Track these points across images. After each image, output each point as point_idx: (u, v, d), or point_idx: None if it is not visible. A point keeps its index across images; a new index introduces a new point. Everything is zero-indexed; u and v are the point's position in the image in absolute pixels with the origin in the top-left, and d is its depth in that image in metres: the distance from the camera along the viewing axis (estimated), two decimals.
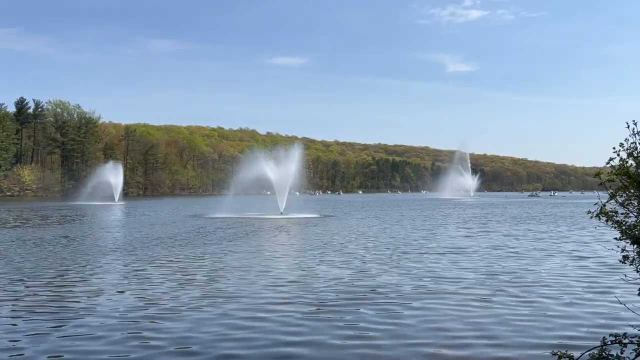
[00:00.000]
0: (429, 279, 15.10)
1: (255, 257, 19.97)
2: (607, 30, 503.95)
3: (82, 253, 21.29)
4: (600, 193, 6.06)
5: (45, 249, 22.82)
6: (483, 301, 12.41)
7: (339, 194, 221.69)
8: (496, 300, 12.34)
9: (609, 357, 5.71)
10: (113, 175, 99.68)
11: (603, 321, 10.60)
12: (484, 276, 15.79)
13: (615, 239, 5.94)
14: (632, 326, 8.49)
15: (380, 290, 13.52)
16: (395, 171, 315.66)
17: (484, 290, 13.72)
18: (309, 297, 12.64)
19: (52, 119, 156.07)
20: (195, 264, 18.44)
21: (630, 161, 5.67)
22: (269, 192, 59.82)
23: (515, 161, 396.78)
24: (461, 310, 11.34)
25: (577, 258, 20.06)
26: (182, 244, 24.88)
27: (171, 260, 19.07)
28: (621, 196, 5.74)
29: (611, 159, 5.75)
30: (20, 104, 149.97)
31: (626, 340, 5.78)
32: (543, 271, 16.89)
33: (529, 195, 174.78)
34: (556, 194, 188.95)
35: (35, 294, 13.09)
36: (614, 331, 6.22)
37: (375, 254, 20.99)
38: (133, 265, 18.04)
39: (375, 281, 14.79)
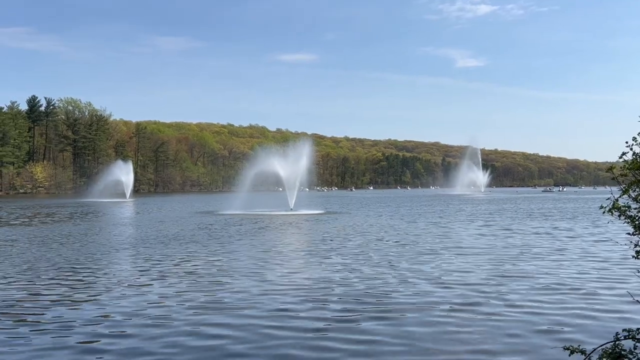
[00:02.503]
0: (445, 286, 13.69)
1: (263, 258, 19.07)
2: (617, 23, 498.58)
3: (85, 253, 20.65)
4: (613, 188, 6.02)
5: (39, 249, 21.89)
6: (495, 309, 12.29)
7: (351, 190, 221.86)
8: (509, 309, 11.67)
9: (622, 352, 5.67)
10: (124, 172, 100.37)
11: (616, 316, 10.55)
12: (499, 279, 15.31)
13: (628, 234, 5.90)
14: None
15: (388, 298, 12.31)
16: (406, 167, 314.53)
17: (498, 297, 13.52)
18: (315, 306, 11.52)
19: (63, 116, 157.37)
20: (199, 264, 17.60)
21: None
22: (280, 189, 59.93)
23: (526, 156, 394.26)
24: (475, 322, 10.68)
25: (590, 254, 19.97)
26: (188, 242, 24.42)
27: (175, 261, 18.37)
28: (634, 191, 5.69)
29: (624, 154, 5.71)
30: (32, 102, 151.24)
31: (639, 336, 5.74)
32: (560, 269, 16.81)
33: (542, 191, 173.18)
34: (565, 189, 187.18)
35: (27, 299, 12.50)
36: (627, 326, 6.18)
37: (384, 255, 20.24)
38: (134, 266, 17.40)
39: (383, 288, 13.49)
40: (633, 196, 5.69)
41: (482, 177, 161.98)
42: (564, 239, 25.27)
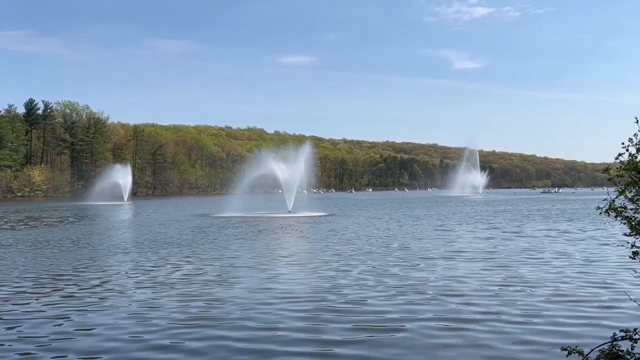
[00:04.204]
0: (444, 293, 12.95)
1: (257, 264, 18.25)
2: (615, 24, 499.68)
3: (73, 258, 20.13)
4: (610, 189, 6.04)
5: (26, 255, 21.33)
6: (494, 311, 12.27)
7: (350, 191, 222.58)
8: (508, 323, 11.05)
9: (619, 352, 5.69)
10: (122, 175, 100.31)
11: (613, 317, 10.57)
12: (498, 283, 15.28)
13: (625, 234, 5.92)
14: None
15: (387, 309, 11.43)
16: (404, 169, 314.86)
17: (498, 300, 13.46)
18: (306, 321, 10.56)
19: (61, 119, 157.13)
20: (190, 271, 16.86)
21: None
22: (279, 191, 59.90)
23: (524, 158, 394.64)
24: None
25: (587, 255, 20.03)
26: (182, 246, 23.88)
27: (164, 267, 17.60)
28: (630, 191, 5.72)
29: (620, 155, 5.73)
30: (30, 105, 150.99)
31: (637, 336, 5.76)
32: (557, 269, 16.85)
33: (541, 192, 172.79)
34: (560, 191, 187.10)
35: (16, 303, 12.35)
36: (625, 326, 6.20)
37: (381, 260, 19.15)
38: (121, 272, 16.67)
39: (381, 297, 12.59)
40: (629, 197, 5.72)
41: (480, 179, 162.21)
42: (563, 241, 25.35)
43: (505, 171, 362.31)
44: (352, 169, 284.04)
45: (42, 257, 20.73)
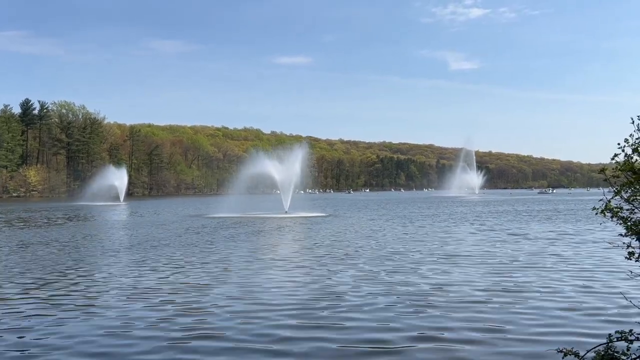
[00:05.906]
0: (447, 300, 12.27)
1: (249, 268, 17.44)
2: (614, 24, 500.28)
3: (61, 259, 19.69)
4: (605, 189, 6.03)
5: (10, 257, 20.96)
6: (490, 309, 12.23)
7: (348, 192, 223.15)
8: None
9: (615, 353, 5.68)
10: (118, 176, 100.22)
11: (609, 318, 10.56)
12: (494, 287, 15.32)
13: (621, 235, 5.91)
14: (639, 323, 8.45)
15: (383, 321, 10.50)
16: (400, 169, 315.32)
17: (494, 300, 13.47)
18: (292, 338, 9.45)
19: (57, 119, 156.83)
20: (177, 276, 16.08)
21: (635, 157, 5.64)
22: (277, 191, 59.85)
23: (520, 158, 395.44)
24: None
25: (582, 255, 20.03)
26: (173, 248, 23.42)
27: (150, 272, 16.68)
28: (626, 192, 5.71)
29: (616, 155, 5.73)
30: (26, 105, 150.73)
31: (632, 337, 5.75)
32: (551, 268, 16.86)
33: (538, 193, 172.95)
34: (554, 191, 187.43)
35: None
36: (621, 328, 6.18)
37: (376, 264, 18.54)
38: (102, 278, 15.82)
39: (375, 306, 11.67)
40: (625, 197, 5.71)
41: (476, 179, 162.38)
42: (559, 242, 25.34)
43: (502, 172, 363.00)
44: (348, 170, 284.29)
45: (26, 259, 20.14)
